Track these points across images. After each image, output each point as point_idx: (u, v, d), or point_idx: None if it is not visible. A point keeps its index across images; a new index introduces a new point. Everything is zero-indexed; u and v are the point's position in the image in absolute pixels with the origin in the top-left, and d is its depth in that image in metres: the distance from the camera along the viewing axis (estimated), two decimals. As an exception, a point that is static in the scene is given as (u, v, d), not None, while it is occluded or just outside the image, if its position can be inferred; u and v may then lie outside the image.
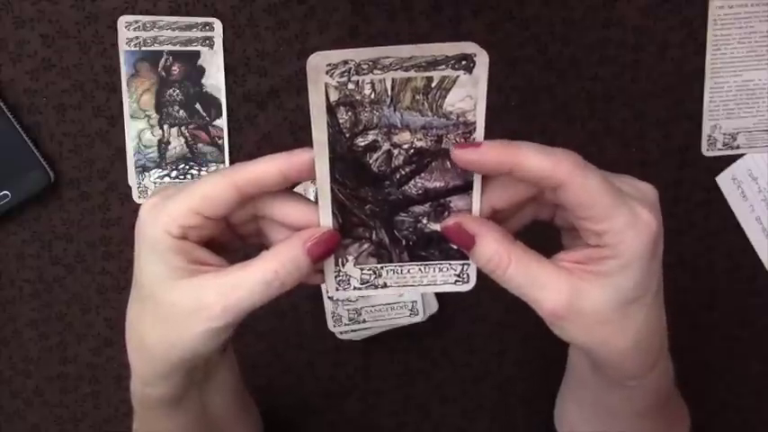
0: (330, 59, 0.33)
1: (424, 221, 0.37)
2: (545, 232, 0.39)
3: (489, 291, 0.38)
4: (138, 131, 0.57)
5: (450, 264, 0.38)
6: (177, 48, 0.55)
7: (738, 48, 0.56)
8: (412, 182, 0.36)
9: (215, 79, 0.56)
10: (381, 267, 0.38)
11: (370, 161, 0.36)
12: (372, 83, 0.34)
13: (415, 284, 0.39)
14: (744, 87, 0.57)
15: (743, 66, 0.57)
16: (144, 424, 0.42)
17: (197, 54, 0.56)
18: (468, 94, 0.34)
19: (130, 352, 0.39)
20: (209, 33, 0.55)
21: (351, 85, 0.34)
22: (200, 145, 0.57)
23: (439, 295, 0.59)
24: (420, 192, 0.37)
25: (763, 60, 0.57)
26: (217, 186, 0.35)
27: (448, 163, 0.36)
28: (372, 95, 0.34)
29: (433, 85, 0.34)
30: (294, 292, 0.44)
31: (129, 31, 0.55)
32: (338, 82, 0.33)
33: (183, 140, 0.57)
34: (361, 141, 0.35)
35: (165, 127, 0.57)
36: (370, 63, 0.33)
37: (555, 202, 0.37)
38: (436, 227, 0.37)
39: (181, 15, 0.55)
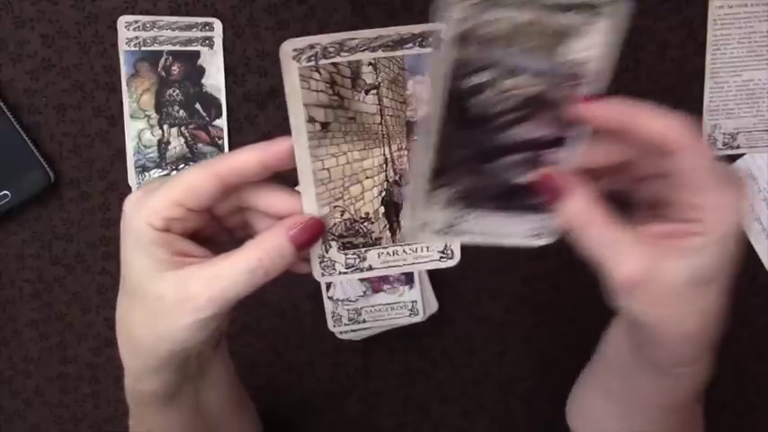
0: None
1: (517, 171, 0.37)
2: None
3: (489, 291, 0.38)
4: (138, 131, 0.57)
5: (528, 217, 0.38)
6: (177, 48, 0.56)
7: (738, 48, 0.56)
8: (515, 129, 0.36)
9: (215, 79, 0.56)
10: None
11: (478, 102, 0.35)
12: (499, 20, 0.33)
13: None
14: (744, 87, 0.57)
15: (743, 66, 0.57)
16: (138, 421, 0.42)
17: (197, 54, 0.56)
18: (590, 45, 0.34)
19: (121, 347, 0.39)
20: (209, 33, 0.55)
21: (478, 20, 0.33)
22: (200, 145, 0.57)
23: (439, 295, 0.59)
24: (520, 140, 0.36)
25: (763, 60, 0.57)
26: (198, 178, 0.36)
27: (552, 115, 0.35)
28: (495, 33, 0.33)
29: (555, 31, 0.33)
30: (294, 291, 0.44)
31: (129, 31, 0.55)
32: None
33: (182, 140, 0.57)
34: (475, 80, 0.34)
35: (165, 127, 0.57)
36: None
37: (646, 174, 0.37)
38: (527, 178, 0.37)
39: (181, 15, 0.55)
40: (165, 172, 0.57)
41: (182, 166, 0.57)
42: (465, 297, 0.60)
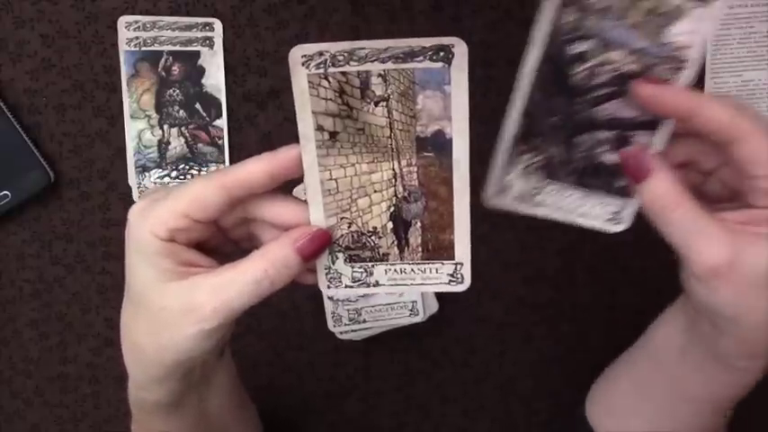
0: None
1: (602, 149, 0.36)
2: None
3: (489, 291, 0.38)
4: (138, 131, 0.57)
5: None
6: (177, 48, 0.55)
7: (738, 48, 0.56)
8: (606, 104, 0.35)
9: (215, 79, 0.56)
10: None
11: (574, 72, 0.35)
12: None
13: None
14: (744, 87, 0.57)
15: (743, 66, 0.57)
16: (141, 427, 0.42)
17: (197, 54, 0.56)
18: (695, 30, 0.33)
19: (125, 354, 0.39)
20: (209, 33, 0.55)
21: None
22: (200, 145, 0.57)
23: (439, 295, 0.59)
24: (609, 117, 0.36)
25: (763, 60, 0.57)
26: (205, 189, 0.35)
27: None
28: (605, 3, 0.33)
29: (663, 9, 0.33)
30: (294, 292, 0.44)
31: (129, 31, 0.55)
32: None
33: (183, 140, 0.57)
34: (574, 48, 0.34)
35: (165, 127, 0.57)
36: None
37: (718, 164, 0.37)
38: (611, 157, 0.37)
39: (181, 15, 0.55)
40: (165, 172, 0.57)
41: (182, 166, 0.57)
42: (465, 297, 0.60)
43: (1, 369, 0.60)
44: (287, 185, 0.37)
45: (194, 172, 0.57)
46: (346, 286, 0.38)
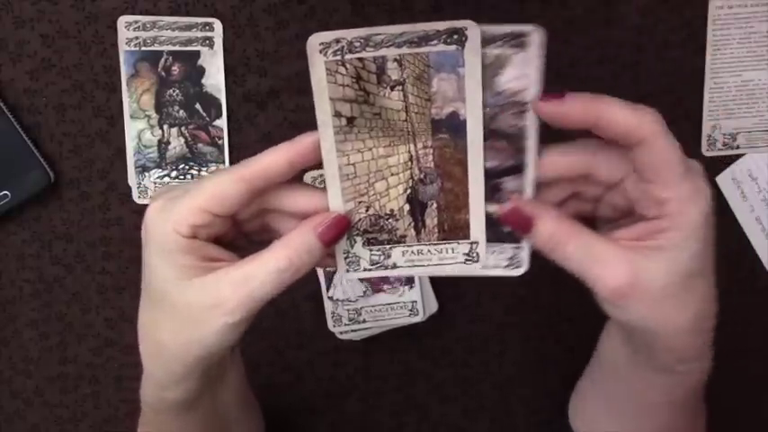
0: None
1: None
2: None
3: (489, 291, 0.38)
4: (138, 131, 0.57)
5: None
6: (177, 48, 0.55)
7: (738, 48, 0.56)
8: None
9: (215, 79, 0.56)
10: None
11: None
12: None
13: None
14: (744, 87, 0.57)
15: (743, 66, 0.57)
16: (153, 427, 0.42)
17: (197, 54, 0.56)
18: (522, 74, 0.35)
19: (145, 357, 0.39)
20: (209, 33, 0.55)
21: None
22: (200, 145, 0.57)
23: (439, 295, 0.59)
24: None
25: (763, 60, 0.57)
26: (225, 183, 0.36)
27: (501, 143, 0.36)
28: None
29: (488, 62, 0.34)
30: (294, 292, 0.44)
31: (129, 31, 0.55)
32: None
33: (182, 140, 0.57)
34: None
35: (165, 127, 0.57)
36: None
37: (603, 191, 0.38)
38: (490, 207, 0.37)
39: (181, 15, 0.55)
40: (165, 172, 0.57)
41: (182, 166, 0.57)
42: (465, 297, 0.60)
43: (1, 369, 0.60)
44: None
45: (194, 172, 0.57)
46: (365, 269, 0.39)
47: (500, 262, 0.39)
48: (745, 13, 0.56)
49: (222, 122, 0.57)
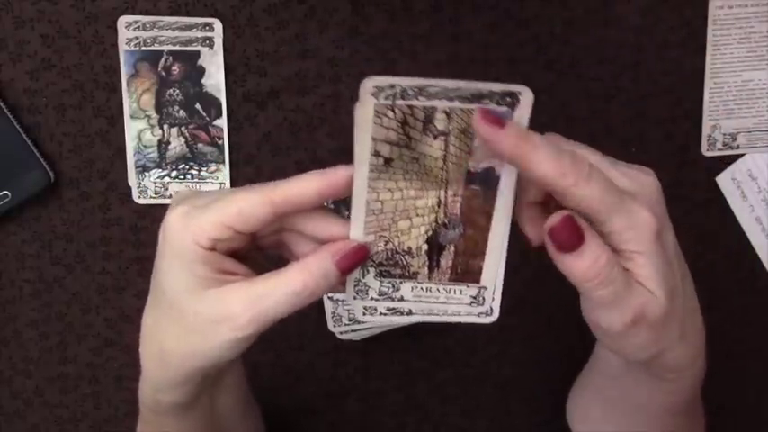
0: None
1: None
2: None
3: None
4: (138, 131, 0.57)
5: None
6: (177, 48, 0.55)
7: (738, 48, 0.56)
8: None
9: (215, 79, 0.56)
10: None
11: None
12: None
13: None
14: (744, 87, 0.57)
15: (743, 66, 0.57)
16: (151, 427, 0.42)
17: (197, 54, 0.56)
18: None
19: (146, 359, 0.39)
20: (209, 33, 0.55)
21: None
22: (200, 145, 0.57)
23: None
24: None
25: (763, 60, 0.57)
26: (253, 202, 0.35)
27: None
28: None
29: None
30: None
31: (129, 31, 0.55)
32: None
33: (183, 140, 0.57)
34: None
35: (165, 127, 0.57)
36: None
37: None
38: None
39: (181, 15, 0.55)
40: (165, 172, 0.57)
41: (182, 166, 0.57)
42: (465, 297, 0.60)
43: (1, 369, 0.60)
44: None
45: (194, 172, 0.57)
46: (372, 298, 0.39)
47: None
48: (745, 13, 0.56)
49: (222, 122, 0.57)
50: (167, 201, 0.57)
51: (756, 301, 0.61)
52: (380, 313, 0.39)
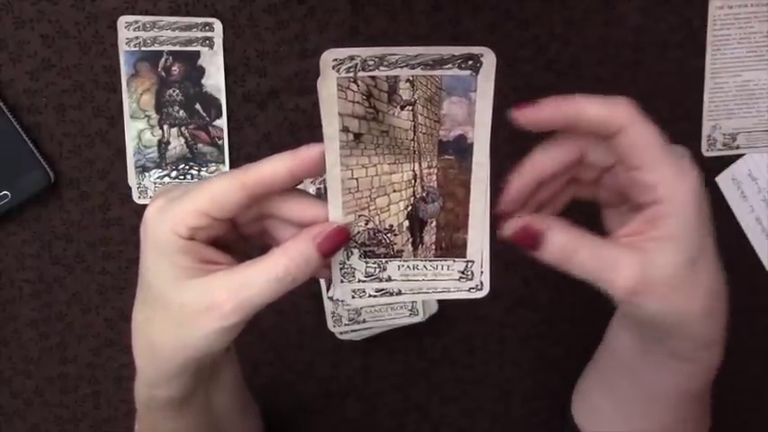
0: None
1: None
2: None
3: (489, 291, 0.38)
4: (138, 131, 0.57)
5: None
6: (177, 48, 0.55)
7: (738, 48, 0.56)
8: None
9: (215, 79, 0.56)
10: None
11: None
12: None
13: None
14: (744, 87, 0.57)
15: (743, 66, 0.57)
16: (148, 425, 0.42)
17: (197, 54, 0.56)
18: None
19: (138, 354, 0.39)
20: (209, 33, 0.55)
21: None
22: (200, 145, 0.57)
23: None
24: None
25: (763, 60, 0.57)
26: (225, 187, 0.36)
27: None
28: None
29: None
30: (294, 291, 0.43)
31: (129, 32, 0.55)
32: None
33: (183, 140, 0.57)
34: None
35: (165, 127, 0.57)
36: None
37: (599, 173, 0.38)
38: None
39: (181, 15, 0.55)
40: (165, 172, 0.57)
41: (182, 166, 0.57)
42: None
43: (1, 369, 0.60)
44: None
45: (194, 172, 0.57)
46: (359, 281, 0.39)
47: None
48: (745, 13, 0.56)
49: (222, 122, 0.57)
50: (167, 201, 0.57)
51: (756, 301, 0.61)
52: (369, 295, 0.39)
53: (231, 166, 0.57)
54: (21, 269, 0.59)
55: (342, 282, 0.39)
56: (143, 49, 0.55)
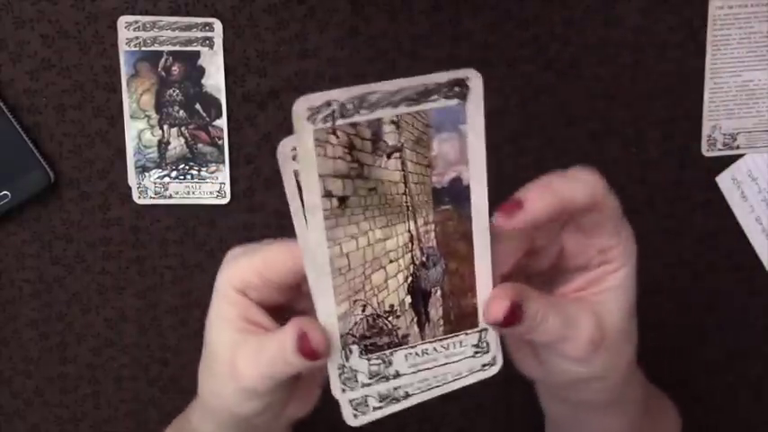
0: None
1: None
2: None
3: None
4: (138, 131, 0.57)
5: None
6: (177, 48, 0.55)
7: (738, 48, 0.56)
8: None
9: (215, 79, 0.56)
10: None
11: None
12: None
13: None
14: (744, 87, 0.57)
15: (743, 66, 0.57)
16: None
17: (197, 54, 0.56)
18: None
19: (200, 394, 0.40)
20: (209, 33, 0.55)
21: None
22: (200, 145, 0.57)
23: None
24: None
25: (763, 60, 0.57)
26: (277, 253, 0.35)
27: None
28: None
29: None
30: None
31: (129, 32, 0.55)
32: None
33: (182, 141, 0.57)
34: None
35: (165, 127, 0.57)
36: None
37: (544, 244, 0.38)
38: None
39: (181, 15, 0.55)
40: (165, 172, 0.57)
41: (182, 166, 0.57)
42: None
43: (1, 369, 0.60)
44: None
45: (194, 172, 0.57)
46: (363, 385, 0.34)
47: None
48: (745, 13, 0.56)
49: (222, 122, 0.57)
50: (167, 201, 0.57)
51: (756, 301, 0.61)
52: (373, 408, 0.35)
53: (231, 166, 0.57)
54: (21, 269, 0.58)
55: (344, 391, 0.34)
56: (143, 49, 0.55)
